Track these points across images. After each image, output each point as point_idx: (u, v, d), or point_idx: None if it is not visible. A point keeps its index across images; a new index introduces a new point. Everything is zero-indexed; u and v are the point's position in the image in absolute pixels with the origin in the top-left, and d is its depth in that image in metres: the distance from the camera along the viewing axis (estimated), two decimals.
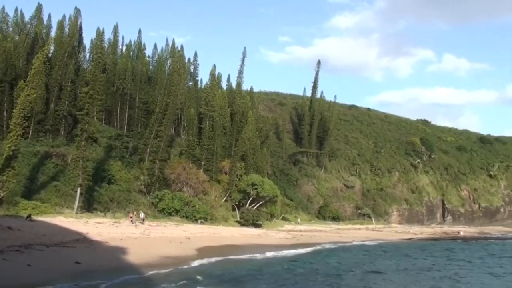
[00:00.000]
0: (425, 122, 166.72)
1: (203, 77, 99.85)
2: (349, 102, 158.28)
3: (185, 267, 31.30)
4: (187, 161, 77.32)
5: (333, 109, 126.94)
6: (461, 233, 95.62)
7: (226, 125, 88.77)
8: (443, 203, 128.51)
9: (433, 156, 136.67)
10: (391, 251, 54.61)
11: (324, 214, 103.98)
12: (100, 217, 57.85)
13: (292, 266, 36.27)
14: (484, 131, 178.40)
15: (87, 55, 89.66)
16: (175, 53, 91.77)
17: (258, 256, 42.37)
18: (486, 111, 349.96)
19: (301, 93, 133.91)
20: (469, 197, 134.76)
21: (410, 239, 79.85)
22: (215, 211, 74.37)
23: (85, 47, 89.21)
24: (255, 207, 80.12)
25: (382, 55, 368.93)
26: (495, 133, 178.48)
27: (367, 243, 67.01)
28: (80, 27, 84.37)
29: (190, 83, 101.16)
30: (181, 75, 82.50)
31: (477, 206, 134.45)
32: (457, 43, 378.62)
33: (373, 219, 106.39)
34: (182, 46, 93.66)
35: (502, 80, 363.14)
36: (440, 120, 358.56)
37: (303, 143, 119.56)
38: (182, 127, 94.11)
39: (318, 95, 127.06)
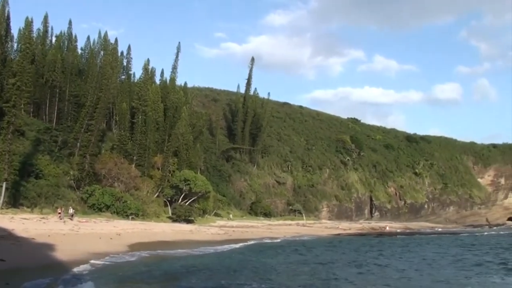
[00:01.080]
0: (355, 121, 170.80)
1: (137, 71, 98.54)
2: (282, 99, 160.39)
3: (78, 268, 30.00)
4: (119, 156, 76.19)
5: (266, 106, 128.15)
6: (387, 229, 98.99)
7: (159, 120, 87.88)
8: (371, 200, 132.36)
9: (362, 154, 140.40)
10: (312, 246, 55.81)
11: (256, 210, 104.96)
12: (27, 212, 56.18)
13: (205, 262, 36.56)
14: (410, 130, 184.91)
15: (15, 45, 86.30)
16: (108, 46, 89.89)
17: (180, 252, 42.36)
18: (413, 111, 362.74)
19: (235, 90, 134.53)
20: (396, 193, 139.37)
21: (339, 234, 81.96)
22: (147, 207, 73.74)
23: (12, 36, 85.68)
24: (187, 203, 80.00)
25: (315, 54, 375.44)
26: (421, 132, 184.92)
27: (296, 239, 68.32)
28: (8, 16, 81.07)
29: (123, 77, 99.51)
30: (114, 68, 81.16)
31: (403, 202, 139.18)
32: (387, 45, 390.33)
33: (303, 215, 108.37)
34: (116, 40, 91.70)
35: (428, 81, 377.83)
36: (369, 119, 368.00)
37: (236, 140, 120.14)
38: (114, 121, 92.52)
39: (251, 92, 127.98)
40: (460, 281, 29.17)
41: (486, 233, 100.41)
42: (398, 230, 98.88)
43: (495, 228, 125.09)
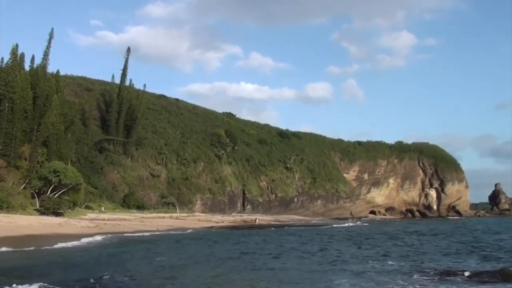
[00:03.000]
0: (230, 115, 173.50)
1: (5, 56, 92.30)
2: (158, 91, 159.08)
3: None
4: None
5: (142, 98, 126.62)
6: (256, 221, 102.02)
7: (28, 109, 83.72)
8: (244, 193, 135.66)
9: (236, 148, 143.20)
10: (178, 239, 56.65)
11: (129, 202, 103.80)
12: None
13: (67, 255, 36.30)
14: (283, 126, 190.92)
15: None
16: None
17: (47, 245, 41.39)
18: (286, 108, 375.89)
19: (110, 80, 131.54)
20: (267, 187, 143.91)
21: (212, 227, 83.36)
22: (12, 199, 70.28)
23: None
24: (56, 195, 77.41)
25: (193, 48, 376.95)
26: (293, 128, 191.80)
27: (170, 232, 68.79)
28: None
29: None
30: None
31: (274, 196, 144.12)
32: (264, 42, 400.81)
33: (177, 207, 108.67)
34: None
35: (301, 80, 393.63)
36: (244, 114, 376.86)
37: (110, 131, 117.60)
38: None
39: (127, 83, 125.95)
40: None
41: (346, 224, 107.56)
42: (264, 223, 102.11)
43: (349, 221, 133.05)
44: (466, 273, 26.03)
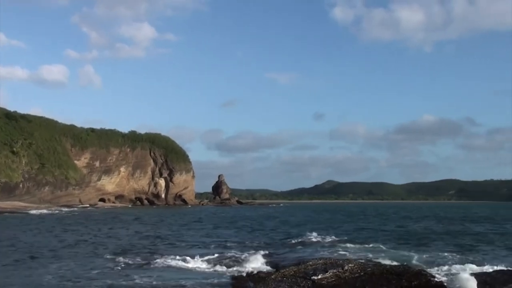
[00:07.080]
0: None
1: None
2: None
3: None
4: None
5: None
6: None
7: None
8: None
9: None
10: None
11: None
12: None
13: None
14: (11, 108, 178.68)
15: None
16: None
17: None
18: (17, 88, 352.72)
19: None
20: None
21: None
22: None
23: None
24: None
25: None
26: (23, 110, 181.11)
27: None
28: None
29: None
30: None
31: None
32: None
33: None
34: None
35: (35, 60, 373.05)
36: None
37: None
38: None
39: None
40: None
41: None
42: None
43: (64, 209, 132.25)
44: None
